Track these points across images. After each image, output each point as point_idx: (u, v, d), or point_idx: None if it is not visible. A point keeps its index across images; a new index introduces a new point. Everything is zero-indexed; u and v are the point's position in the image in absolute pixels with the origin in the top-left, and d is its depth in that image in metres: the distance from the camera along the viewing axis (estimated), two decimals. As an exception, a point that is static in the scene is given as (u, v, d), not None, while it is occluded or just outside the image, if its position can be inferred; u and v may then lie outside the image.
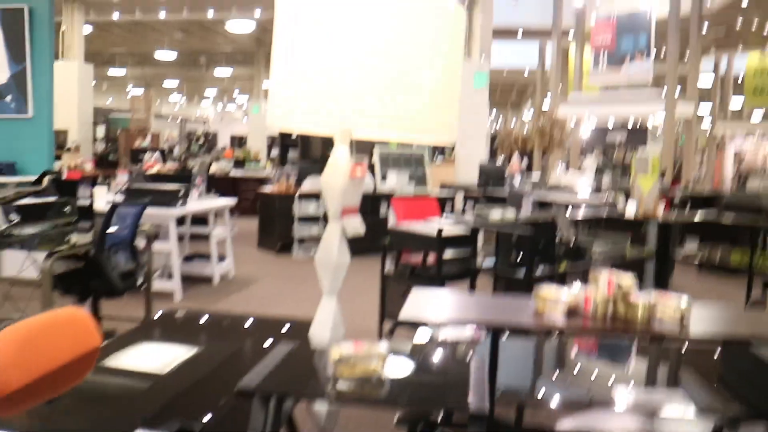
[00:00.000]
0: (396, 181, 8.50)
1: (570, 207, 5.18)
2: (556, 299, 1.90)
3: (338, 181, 2.03)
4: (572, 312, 1.90)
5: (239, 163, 13.59)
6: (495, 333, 1.79)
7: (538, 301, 1.94)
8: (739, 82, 18.22)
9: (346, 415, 3.79)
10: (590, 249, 4.21)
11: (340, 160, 2.04)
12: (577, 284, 1.98)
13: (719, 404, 2.12)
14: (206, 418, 1.48)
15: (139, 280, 4.18)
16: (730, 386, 2.22)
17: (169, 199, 5.43)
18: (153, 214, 4.90)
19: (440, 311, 1.82)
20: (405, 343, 2.72)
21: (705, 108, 17.71)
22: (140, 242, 4.31)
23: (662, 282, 4.87)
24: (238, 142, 26.03)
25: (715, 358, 2.36)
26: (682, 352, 2.51)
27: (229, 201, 6.77)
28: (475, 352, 2.44)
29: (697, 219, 5.80)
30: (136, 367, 1.81)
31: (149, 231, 4.35)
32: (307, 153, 10.98)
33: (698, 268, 8.17)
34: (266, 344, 1.99)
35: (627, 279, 1.90)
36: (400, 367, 1.65)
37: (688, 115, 13.87)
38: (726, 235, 7.51)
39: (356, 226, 2.13)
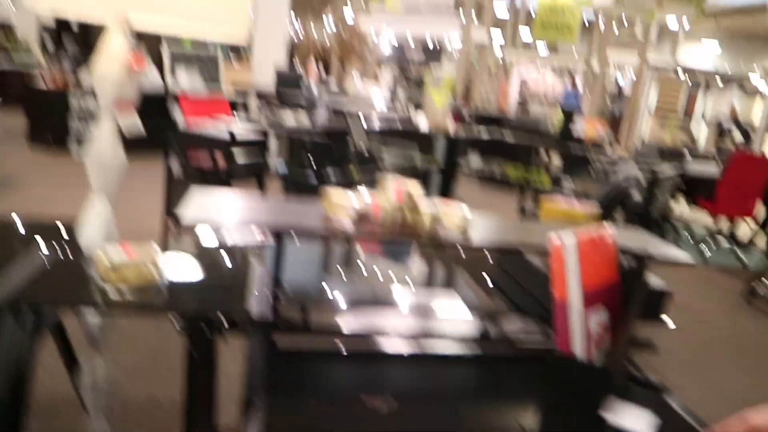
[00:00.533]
0: (187, 81, 7.98)
1: (364, 116, 5.20)
2: (345, 204, 1.86)
3: (111, 71, 1.79)
4: (361, 217, 1.88)
5: (3, 50, 11.95)
6: (280, 236, 1.71)
7: (326, 206, 1.89)
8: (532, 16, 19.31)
9: (125, 326, 3.59)
10: (381, 158, 4.27)
11: (114, 48, 1.80)
12: (366, 190, 1.95)
13: (487, 303, 2.27)
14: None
15: None
16: (500, 288, 2.38)
17: None
18: None
19: (224, 213, 1.70)
20: (186, 247, 2.57)
21: (499, 36, 18.62)
22: None
23: (447, 192, 5.11)
24: (5, 31, 22.83)
25: (490, 262, 2.51)
26: (461, 256, 2.65)
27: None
28: (261, 256, 2.37)
29: (483, 136, 6.14)
30: None
31: None
32: (88, 45, 9.90)
33: (480, 181, 8.76)
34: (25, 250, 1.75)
35: (415, 187, 1.90)
36: (177, 272, 1.52)
37: (483, 41, 14.52)
38: (506, 153, 8.09)
39: (133, 123, 1.92)
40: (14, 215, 2.08)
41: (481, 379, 1.73)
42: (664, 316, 2.02)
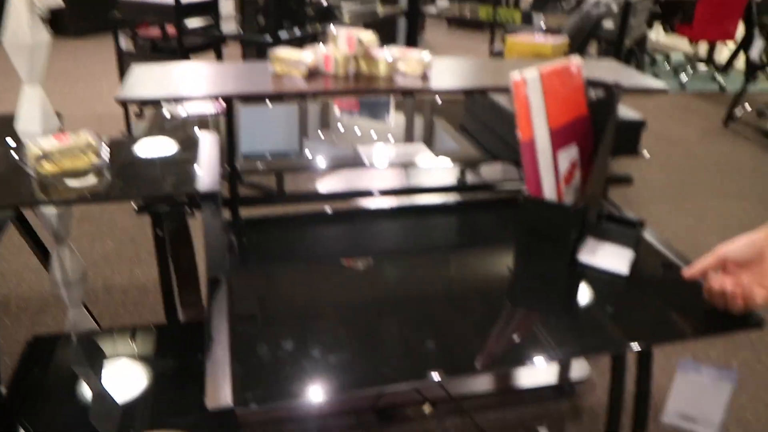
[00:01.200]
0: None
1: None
2: (294, 60, 1.73)
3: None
4: (313, 73, 1.76)
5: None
6: (229, 102, 1.60)
7: (275, 64, 1.76)
8: None
9: (98, 213, 3.53)
10: (341, 10, 4.04)
11: None
12: (319, 46, 1.82)
13: (467, 151, 2.20)
14: None
15: None
16: (471, 133, 2.31)
17: None
18: None
19: (168, 86, 1.58)
20: (144, 127, 2.46)
21: None
22: None
23: (413, 39, 4.90)
24: None
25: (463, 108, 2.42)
26: (438, 106, 2.55)
27: None
28: (216, 126, 2.27)
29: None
30: None
31: None
32: None
33: (449, 24, 8.44)
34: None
35: (367, 35, 1.77)
36: (124, 154, 1.43)
37: None
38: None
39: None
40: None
41: (458, 227, 1.70)
42: (639, 148, 1.97)
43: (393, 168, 2.20)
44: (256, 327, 1.19)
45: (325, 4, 4.09)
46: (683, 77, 6.57)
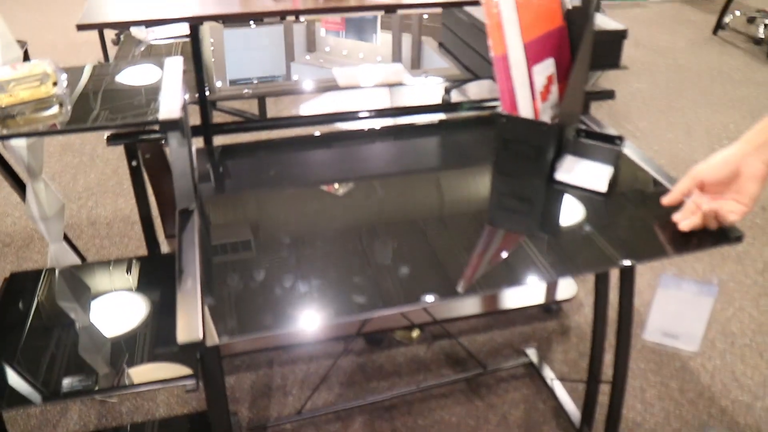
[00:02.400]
0: None
1: None
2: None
3: None
4: (282, -8, 1.69)
5: None
6: (194, 27, 1.54)
7: (242, -16, 1.68)
8: None
9: (79, 144, 3.47)
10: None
11: None
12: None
13: (450, 70, 2.15)
14: None
15: None
16: (450, 50, 2.24)
17: None
18: None
19: (130, 8, 1.51)
20: (127, 55, 2.38)
21: None
22: None
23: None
24: None
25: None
26: (425, 25, 2.48)
27: None
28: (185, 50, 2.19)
29: None
30: None
31: None
32: None
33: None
34: None
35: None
36: (84, 85, 1.38)
37: None
38: None
39: None
40: None
41: (438, 147, 1.67)
42: (619, 60, 1.91)
43: (377, 89, 2.15)
44: (230, 257, 1.18)
45: None
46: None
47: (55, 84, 1.30)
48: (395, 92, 2.49)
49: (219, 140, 1.66)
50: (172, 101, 1.23)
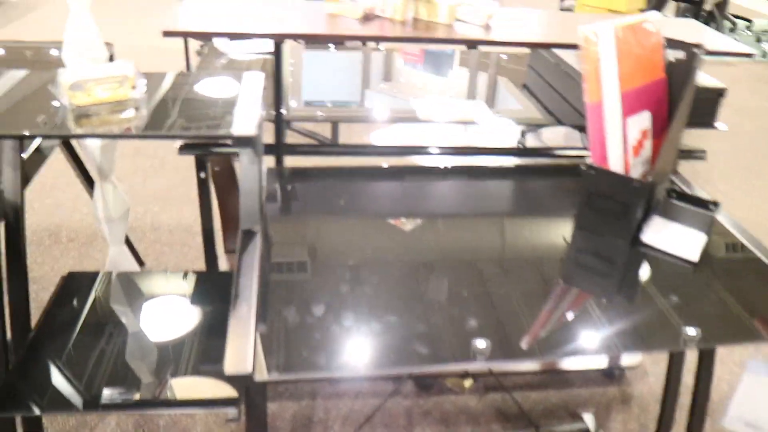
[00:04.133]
0: None
1: None
2: (349, 1, 1.63)
3: None
4: (369, 16, 1.65)
5: None
6: (278, 44, 1.51)
7: (329, 3, 1.66)
8: None
9: (150, 149, 3.52)
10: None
11: None
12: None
13: (531, 113, 2.08)
14: None
15: None
16: (534, 93, 2.17)
17: None
18: None
19: (217, 21, 1.50)
20: (210, 66, 2.39)
21: None
22: None
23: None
24: None
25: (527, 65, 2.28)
26: (503, 65, 2.42)
27: None
28: (267, 69, 2.18)
29: None
30: None
31: None
32: None
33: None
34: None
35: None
36: (163, 92, 1.36)
37: None
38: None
39: None
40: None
41: (514, 192, 1.59)
42: (715, 119, 1.80)
43: (451, 125, 2.09)
44: (288, 286, 1.12)
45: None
46: (766, 45, 6.17)
47: (133, 87, 1.28)
48: (472, 129, 2.42)
49: (289, 160, 1.63)
50: (248, 117, 1.19)
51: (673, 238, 1.27)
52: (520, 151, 1.85)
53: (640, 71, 1.31)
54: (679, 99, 1.34)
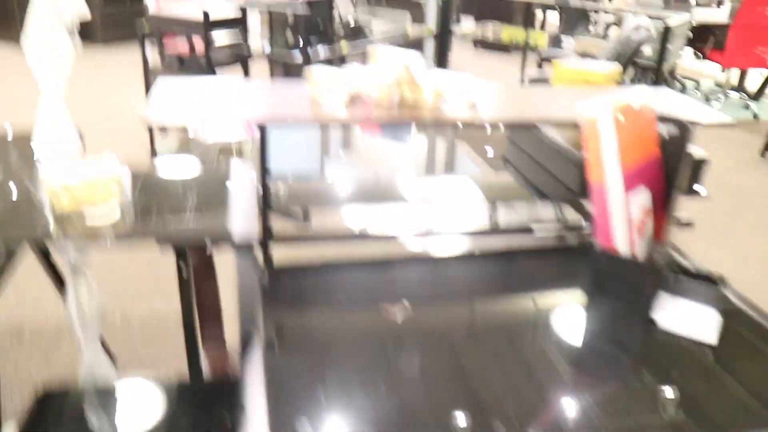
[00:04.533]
0: (154, -40, 7.37)
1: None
2: (334, 84, 1.60)
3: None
4: (353, 99, 1.62)
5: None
6: (263, 130, 1.47)
7: (313, 88, 1.62)
8: None
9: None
10: (370, 29, 3.93)
11: None
12: (355, 65, 1.68)
13: (495, 182, 2.06)
14: None
15: None
16: (515, 166, 2.16)
17: None
18: None
19: (197, 106, 1.44)
20: (168, 145, 2.33)
21: None
22: None
23: (442, 60, 4.78)
24: None
25: (503, 135, 2.28)
26: (462, 131, 2.41)
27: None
28: (245, 155, 2.13)
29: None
30: None
31: None
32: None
33: (474, 45, 8.33)
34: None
35: (413, 58, 1.63)
36: (149, 188, 1.30)
37: None
38: (502, 13, 7.62)
39: (76, 4, 1.61)
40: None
41: (508, 274, 1.54)
42: (698, 187, 1.81)
43: (422, 201, 2.06)
44: (296, 393, 1.04)
45: (352, 23, 3.97)
46: (715, 105, 6.39)
47: (118, 187, 1.22)
48: (445, 205, 2.40)
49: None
50: (245, 220, 1.13)
51: (687, 319, 1.23)
52: (501, 232, 1.81)
53: (637, 148, 1.30)
54: (673, 172, 1.33)
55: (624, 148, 1.25)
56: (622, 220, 1.26)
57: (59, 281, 1.97)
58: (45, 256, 1.98)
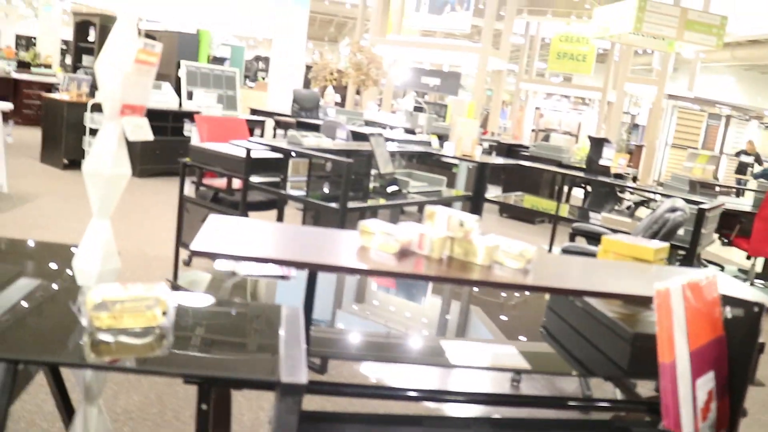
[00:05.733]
0: (203, 100, 7.78)
1: (386, 139, 4.96)
2: (387, 235, 1.58)
3: (117, 66, 1.53)
4: (404, 251, 1.60)
5: (24, 65, 11.92)
6: (312, 275, 1.43)
7: (364, 236, 1.61)
8: (547, 42, 19.18)
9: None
10: (405, 186, 4.01)
11: (120, 40, 1.54)
12: (410, 224, 1.68)
13: (549, 357, 1.97)
14: None
15: None
16: (555, 337, 2.09)
17: None
18: None
19: (244, 244, 1.42)
20: (201, 281, 2.30)
21: (513, 66, 18.48)
22: None
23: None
24: (26, 42, 22.82)
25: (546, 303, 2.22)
26: (476, 294, 2.37)
27: (2, 104, 5.76)
28: (283, 294, 2.09)
29: (506, 164, 5.89)
30: None
31: None
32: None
33: (500, 212, 8.48)
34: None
35: (468, 218, 1.62)
36: (186, 316, 1.24)
37: (499, 69, 14.35)
38: (527, 183, 7.84)
39: (140, 125, 1.64)
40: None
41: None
42: (756, 375, 1.72)
43: (436, 365, 1.97)
44: None
45: (389, 175, 4.06)
46: (740, 292, 6.34)
47: (164, 313, 1.17)
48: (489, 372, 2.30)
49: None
50: (295, 361, 1.07)
51: None
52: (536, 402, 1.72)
53: (704, 329, 1.24)
54: (739, 356, 1.26)
55: (692, 328, 1.19)
56: (689, 403, 1.17)
57: (66, 405, 1.86)
58: (57, 382, 1.89)
